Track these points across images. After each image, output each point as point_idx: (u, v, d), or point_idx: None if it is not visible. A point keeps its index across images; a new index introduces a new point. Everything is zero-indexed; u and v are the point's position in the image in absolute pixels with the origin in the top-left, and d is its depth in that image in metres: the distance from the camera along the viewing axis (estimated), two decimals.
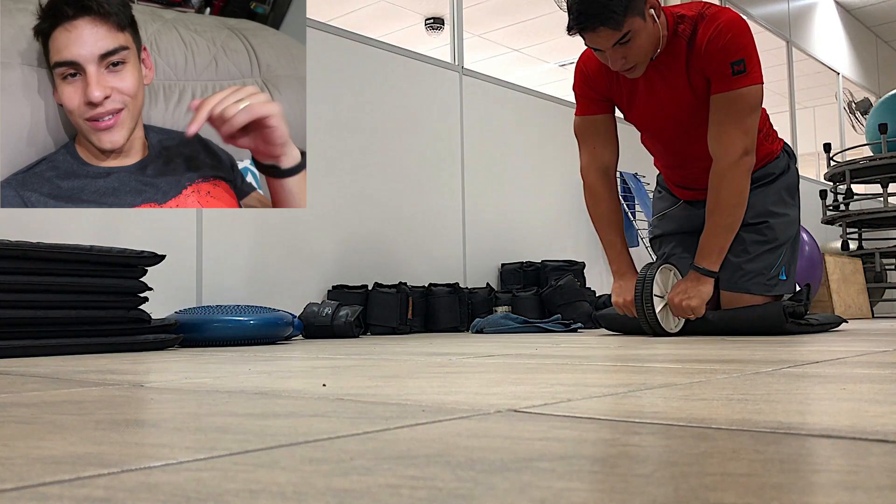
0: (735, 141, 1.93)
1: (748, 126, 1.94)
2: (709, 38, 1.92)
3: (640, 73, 1.99)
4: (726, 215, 1.96)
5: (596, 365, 1.07)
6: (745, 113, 1.93)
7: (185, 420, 0.60)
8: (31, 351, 1.66)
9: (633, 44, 1.88)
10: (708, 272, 1.98)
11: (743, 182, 1.95)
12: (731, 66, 1.90)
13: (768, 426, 0.50)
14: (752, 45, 1.93)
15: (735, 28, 1.91)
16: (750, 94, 1.92)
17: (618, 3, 1.83)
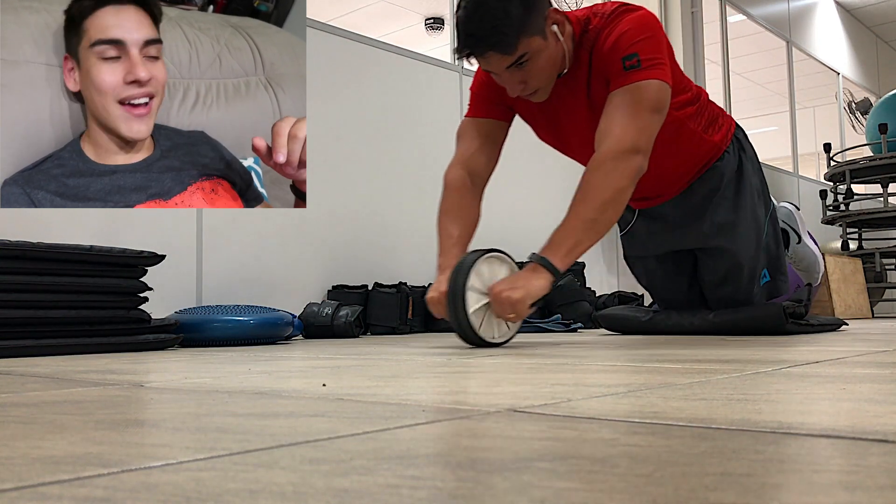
0: (624, 133, 1.61)
1: (643, 124, 1.64)
2: (606, 41, 1.69)
3: (544, 97, 1.76)
4: (592, 209, 1.58)
5: (596, 365, 1.07)
6: (639, 108, 1.64)
7: (185, 420, 0.60)
8: (31, 351, 1.66)
9: (530, 66, 1.65)
10: (551, 267, 1.55)
11: (622, 181, 1.60)
12: (622, 61, 1.66)
13: (768, 426, 0.50)
14: (652, 42, 1.68)
15: (633, 24, 1.68)
16: (645, 89, 1.64)
17: (509, 24, 1.58)
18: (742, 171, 2.03)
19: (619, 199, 1.61)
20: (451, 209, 1.81)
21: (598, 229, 1.60)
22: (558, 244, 1.57)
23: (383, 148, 3.22)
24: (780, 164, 6.56)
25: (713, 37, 5.75)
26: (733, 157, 2.02)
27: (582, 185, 1.61)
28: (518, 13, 1.58)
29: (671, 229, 2.10)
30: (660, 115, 1.68)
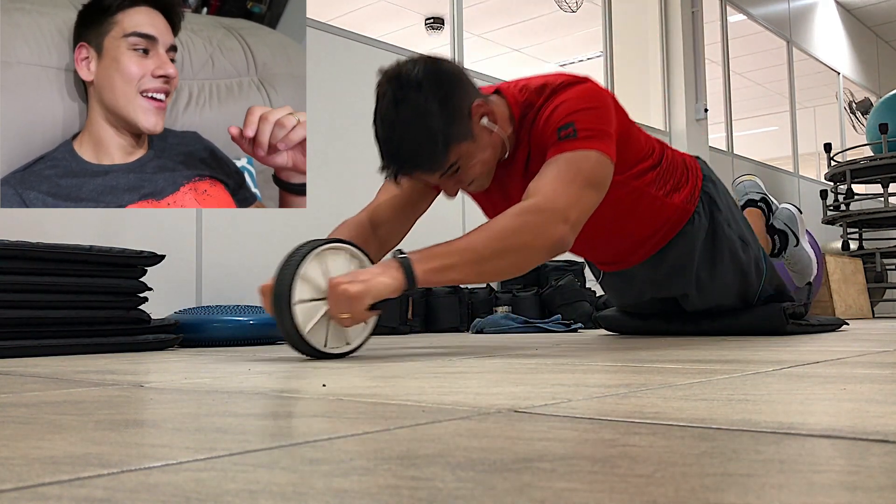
0: (555, 196, 1.39)
1: (576, 196, 1.42)
2: (542, 115, 1.53)
3: (486, 185, 1.61)
4: (487, 248, 1.33)
5: (596, 365, 1.07)
6: (573, 178, 1.43)
7: (185, 420, 0.60)
8: (31, 351, 1.66)
9: (464, 170, 1.51)
10: (409, 272, 1.28)
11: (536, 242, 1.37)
12: (557, 131, 1.48)
13: (769, 426, 0.50)
14: (593, 113, 1.50)
15: (573, 95, 1.52)
16: (582, 160, 1.45)
17: (432, 142, 1.41)
18: (716, 231, 1.87)
19: (520, 255, 1.38)
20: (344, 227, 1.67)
21: (482, 269, 1.36)
22: (433, 257, 1.32)
23: None
24: (781, 164, 6.57)
25: (713, 37, 5.75)
26: (704, 218, 1.86)
27: (491, 221, 1.39)
28: (440, 126, 1.41)
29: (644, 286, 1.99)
30: (596, 192, 1.48)
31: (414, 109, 1.40)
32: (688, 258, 1.87)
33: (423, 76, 1.42)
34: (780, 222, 2.51)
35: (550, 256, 1.42)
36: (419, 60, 1.47)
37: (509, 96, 1.59)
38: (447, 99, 1.44)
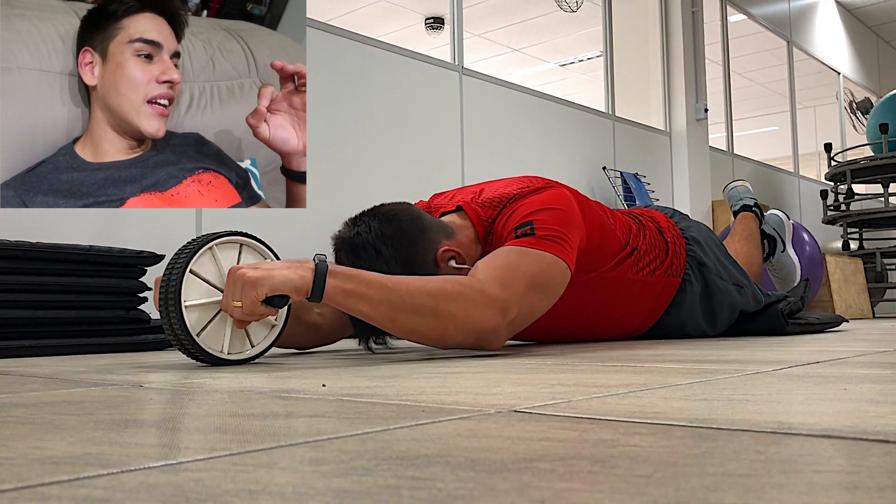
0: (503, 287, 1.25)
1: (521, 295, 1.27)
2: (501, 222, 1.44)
3: None
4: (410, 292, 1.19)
5: (596, 365, 1.07)
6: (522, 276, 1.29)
7: (185, 420, 0.60)
8: (31, 351, 1.66)
9: None
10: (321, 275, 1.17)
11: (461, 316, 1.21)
12: (515, 230, 1.37)
13: (769, 426, 0.50)
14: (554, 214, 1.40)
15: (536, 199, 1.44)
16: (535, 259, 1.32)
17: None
18: (710, 289, 1.85)
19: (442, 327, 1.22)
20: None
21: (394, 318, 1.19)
22: (352, 278, 1.18)
23: (383, 147, 3.22)
24: (781, 164, 6.57)
25: (713, 36, 5.75)
26: (696, 283, 1.83)
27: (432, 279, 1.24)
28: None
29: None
30: (545, 297, 1.34)
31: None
32: (689, 320, 1.84)
33: (381, 241, 1.34)
34: (769, 227, 2.54)
35: (472, 345, 1.27)
36: (372, 220, 1.36)
37: (472, 215, 1.49)
38: (410, 259, 1.35)
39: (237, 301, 1.13)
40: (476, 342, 1.27)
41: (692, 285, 1.82)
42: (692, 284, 1.82)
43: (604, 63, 4.97)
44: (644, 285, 1.72)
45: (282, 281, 1.14)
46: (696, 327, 1.86)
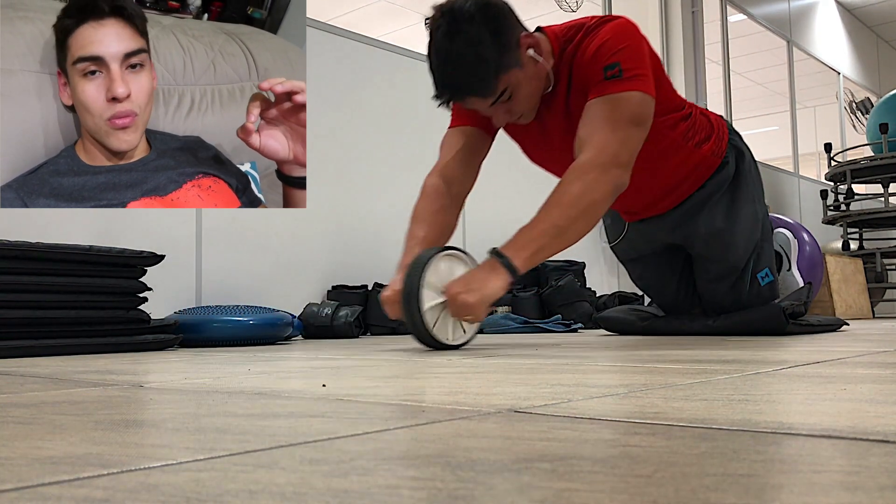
0: (606, 144, 1.55)
1: (624, 137, 1.56)
2: (586, 51, 1.63)
3: (531, 118, 1.73)
4: (563, 217, 1.51)
5: (596, 365, 1.07)
6: (620, 120, 1.56)
7: (185, 420, 0.60)
8: (31, 351, 1.66)
9: (514, 98, 1.62)
10: (510, 266, 1.47)
11: (599, 194, 1.53)
12: (604, 70, 1.59)
13: (769, 426, 0.50)
14: (634, 51, 1.61)
15: (613, 32, 1.62)
16: (628, 101, 1.57)
17: (485, 68, 1.53)
18: (739, 178, 1.99)
19: (593, 212, 1.54)
20: (421, 214, 1.75)
21: (566, 238, 1.52)
22: (523, 245, 1.49)
23: (383, 147, 3.22)
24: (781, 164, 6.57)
25: (713, 36, 5.75)
26: (731, 166, 1.98)
27: (557, 190, 1.54)
28: (491, 54, 1.53)
29: (666, 232, 2.09)
30: (642, 129, 1.60)
31: (467, 40, 1.52)
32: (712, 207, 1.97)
33: (475, 9, 1.53)
34: (776, 244, 2.53)
35: (614, 199, 1.58)
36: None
37: (550, 33, 1.71)
38: (498, 30, 1.55)
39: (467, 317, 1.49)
40: (615, 198, 1.58)
41: (728, 168, 1.97)
42: (728, 167, 1.97)
43: None
44: (691, 154, 1.89)
45: (494, 293, 1.47)
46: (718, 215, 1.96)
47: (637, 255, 2.20)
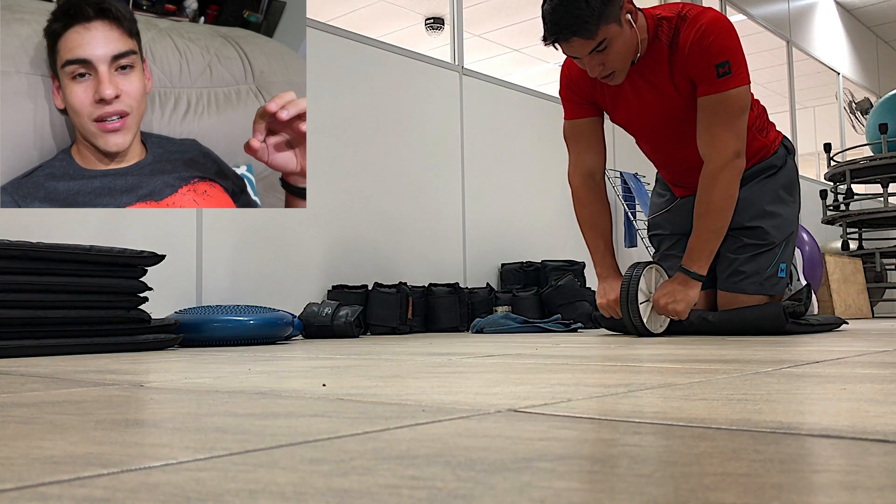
0: (727, 144, 1.90)
1: (738, 128, 1.92)
2: (692, 40, 1.89)
3: (621, 79, 1.97)
4: (715, 219, 1.94)
5: (596, 365, 1.07)
6: (734, 115, 1.90)
7: (185, 420, 0.60)
8: (31, 351, 1.66)
9: (609, 51, 1.87)
10: (696, 276, 1.96)
11: (733, 186, 1.93)
12: (717, 67, 1.88)
13: (768, 426, 0.50)
14: (736, 45, 1.90)
15: (718, 28, 1.88)
16: (738, 96, 1.89)
17: (590, 13, 1.80)
18: (787, 167, 2.19)
19: (732, 201, 1.94)
20: (588, 220, 2.15)
21: (723, 230, 1.96)
22: (697, 255, 1.96)
23: (383, 148, 3.22)
24: None
25: None
26: (782, 156, 2.19)
27: (702, 199, 1.94)
28: (597, 3, 1.79)
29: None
30: (746, 115, 1.93)
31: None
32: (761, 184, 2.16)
33: None
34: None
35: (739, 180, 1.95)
36: None
37: (646, 11, 1.96)
38: None
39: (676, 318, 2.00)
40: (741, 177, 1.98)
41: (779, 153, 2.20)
42: (779, 153, 2.20)
43: None
44: (754, 138, 2.12)
45: (693, 299, 1.98)
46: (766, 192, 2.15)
47: (673, 231, 2.31)
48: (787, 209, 2.17)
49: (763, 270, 2.08)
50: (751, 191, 2.14)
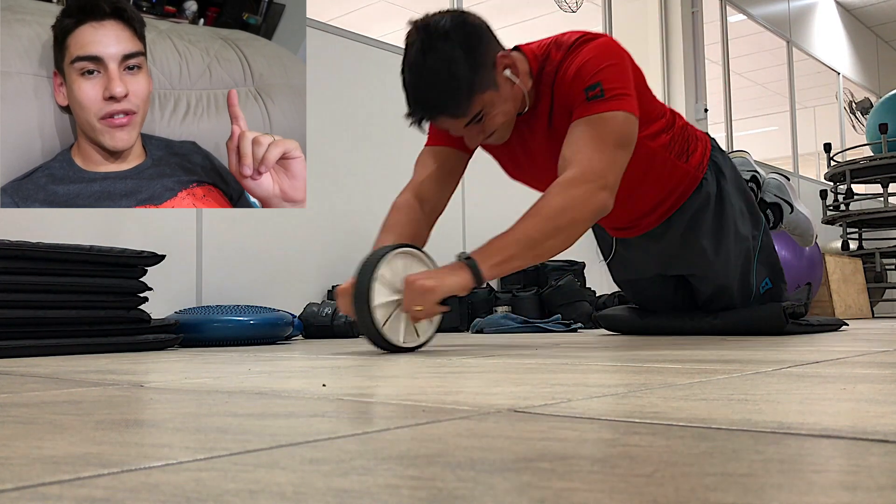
0: (591, 164, 1.49)
1: (610, 159, 1.51)
2: (570, 72, 1.58)
3: (505, 138, 1.68)
4: (539, 230, 1.46)
5: (596, 365, 1.07)
6: (605, 141, 1.51)
7: (185, 420, 0.60)
8: (31, 351, 1.66)
9: (488, 120, 1.57)
10: (475, 270, 1.42)
11: (581, 213, 1.48)
12: (585, 91, 1.54)
13: (768, 426, 0.50)
14: (616, 70, 1.57)
15: (595, 52, 1.58)
16: (612, 121, 1.53)
17: (459, 87, 1.49)
18: (722, 196, 1.92)
19: (571, 229, 1.49)
20: (391, 225, 1.67)
21: (539, 251, 1.47)
22: (493, 252, 1.45)
23: (383, 147, 3.22)
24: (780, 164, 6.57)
25: (713, 37, 5.75)
26: (712, 183, 1.91)
27: (539, 202, 1.49)
28: (465, 73, 1.48)
29: (654, 259, 2.04)
30: (627, 150, 1.56)
31: (441, 58, 1.48)
32: (696, 228, 1.90)
33: (451, 27, 1.50)
34: (770, 195, 2.46)
35: (595, 221, 1.54)
36: (447, 12, 1.54)
37: (528, 52, 1.66)
38: (473, 49, 1.51)
39: (418, 306, 1.39)
40: (596, 220, 1.53)
41: (709, 185, 1.90)
42: (709, 185, 1.90)
43: None
44: (675, 167, 1.83)
45: (453, 286, 1.41)
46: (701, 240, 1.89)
47: (632, 277, 2.16)
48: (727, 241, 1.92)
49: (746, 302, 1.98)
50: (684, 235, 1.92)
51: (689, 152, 1.86)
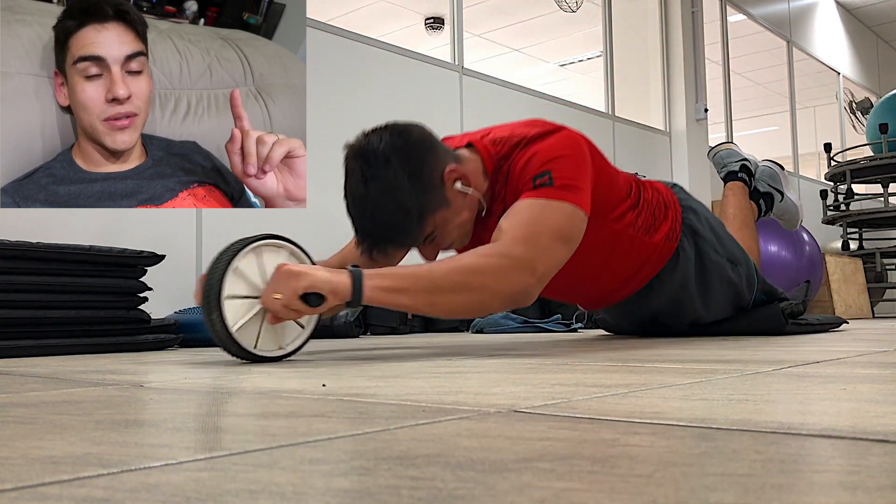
0: (526, 243, 1.32)
1: (544, 248, 1.34)
2: (519, 163, 1.47)
3: (465, 243, 1.56)
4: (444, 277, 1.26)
5: (596, 365, 1.07)
6: (545, 231, 1.36)
7: (185, 420, 0.60)
8: (31, 351, 1.66)
9: (440, 236, 1.47)
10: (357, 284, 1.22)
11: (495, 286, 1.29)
12: (533, 179, 1.41)
13: (768, 426, 0.50)
14: (569, 161, 1.43)
15: (549, 144, 1.46)
16: (555, 211, 1.38)
17: (405, 217, 1.37)
18: (703, 260, 1.83)
19: (479, 296, 1.29)
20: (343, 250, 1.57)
21: (435, 301, 1.26)
22: (385, 276, 1.24)
23: None
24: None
25: (713, 37, 5.75)
26: (689, 250, 1.81)
27: (458, 257, 1.32)
28: (412, 200, 1.37)
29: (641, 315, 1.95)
30: (567, 247, 1.41)
31: (384, 186, 1.36)
32: (682, 292, 1.83)
33: (391, 150, 1.37)
34: (763, 184, 2.44)
35: (510, 306, 1.35)
36: (385, 131, 1.41)
37: (482, 150, 1.53)
38: (417, 171, 1.38)
39: (278, 293, 1.19)
40: (511, 304, 1.34)
41: (685, 252, 1.80)
42: (685, 251, 1.80)
43: (604, 63, 4.98)
44: (642, 244, 1.72)
45: (322, 280, 1.20)
46: (689, 301, 1.84)
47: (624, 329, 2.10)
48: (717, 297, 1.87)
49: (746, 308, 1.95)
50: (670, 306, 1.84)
51: (657, 226, 1.76)
